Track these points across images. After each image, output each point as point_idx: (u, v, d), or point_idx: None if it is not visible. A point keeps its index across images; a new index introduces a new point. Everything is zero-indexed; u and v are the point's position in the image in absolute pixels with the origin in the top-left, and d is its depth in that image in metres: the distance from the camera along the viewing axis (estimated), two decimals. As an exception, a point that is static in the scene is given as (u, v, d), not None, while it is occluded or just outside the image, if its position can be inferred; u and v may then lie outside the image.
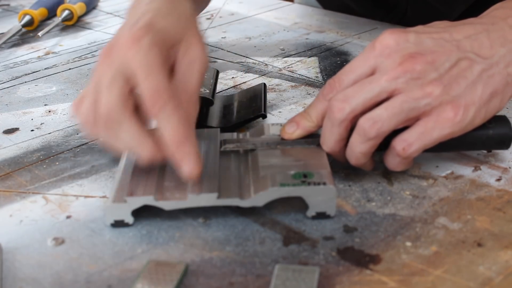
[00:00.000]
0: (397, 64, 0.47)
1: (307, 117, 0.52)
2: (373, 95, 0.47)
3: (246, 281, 0.42)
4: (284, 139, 0.52)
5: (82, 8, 1.00)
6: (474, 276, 0.42)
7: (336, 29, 0.91)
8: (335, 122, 0.48)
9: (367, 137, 0.47)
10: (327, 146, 0.50)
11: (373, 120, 0.47)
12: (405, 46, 0.48)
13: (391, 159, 0.49)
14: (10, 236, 0.47)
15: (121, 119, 0.46)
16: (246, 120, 0.59)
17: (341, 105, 0.48)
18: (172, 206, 0.47)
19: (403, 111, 0.46)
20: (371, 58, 0.49)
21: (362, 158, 0.49)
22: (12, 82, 0.76)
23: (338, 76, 0.50)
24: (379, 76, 0.48)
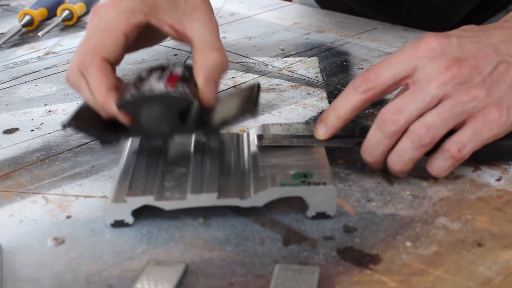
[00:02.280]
0: (444, 69, 0.48)
1: (334, 113, 0.51)
2: (425, 104, 0.48)
3: (246, 281, 0.42)
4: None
5: (82, 8, 1.00)
6: (474, 276, 0.42)
7: (336, 29, 0.91)
8: (388, 134, 0.48)
9: (421, 143, 0.48)
10: (372, 156, 0.50)
11: (427, 127, 0.47)
12: (449, 50, 0.49)
13: (441, 162, 0.49)
14: (10, 236, 0.47)
15: (90, 66, 0.52)
16: (234, 119, 0.51)
17: (394, 117, 0.48)
18: (172, 206, 0.47)
19: (453, 116, 0.47)
20: (414, 58, 0.49)
21: (410, 164, 0.50)
22: (12, 82, 0.76)
23: (374, 69, 0.50)
24: (427, 83, 0.48)
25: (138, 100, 0.50)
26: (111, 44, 0.53)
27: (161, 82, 0.51)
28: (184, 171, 0.50)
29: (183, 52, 0.84)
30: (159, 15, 0.55)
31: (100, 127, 0.52)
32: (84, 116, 0.52)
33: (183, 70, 0.54)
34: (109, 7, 0.55)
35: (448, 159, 0.49)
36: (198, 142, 0.54)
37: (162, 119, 0.50)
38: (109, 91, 0.51)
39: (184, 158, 0.52)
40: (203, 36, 0.54)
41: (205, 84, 0.52)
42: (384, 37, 0.87)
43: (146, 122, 0.50)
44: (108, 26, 0.54)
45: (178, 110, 0.50)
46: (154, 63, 0.80)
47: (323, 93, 0.70)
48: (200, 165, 0.50)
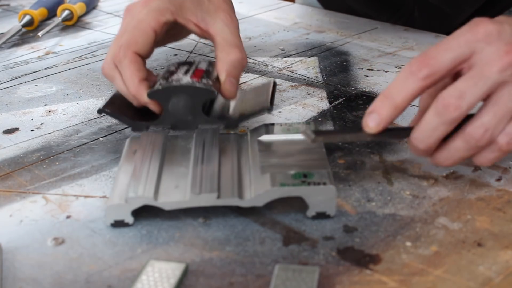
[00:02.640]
0: (504, 52, 0.45)
1: (390, 102, 0.47)
2: (486, 89, 0.45)
3: (246, 281, 0.42)
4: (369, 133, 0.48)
5: (82, 8, 1.00)
6: (474, 276, 0.42)
7: (336, 29, 0.91)
8: (448, 120, 0.45)
9: (477, 145, 0.46)
10: (426, 143, 0.47)
11: (484, 128, 0.45)
12: (505, 35, 0.46)
13: (488, 154, 0.47)
14: (10, 236, 0.47)
15: (123, 59, 0.58)
16: (251, 114, 0.57)
17: (457, 102, 0.45)
18: (172, 206, 0.47)
19: (509, 111, 0.46)
20: (472, 41, 0.46)
21: (459, 162, 0.48)
22: (12, 82, 0.76)
23: (431, 53, 0.46)
24: (488, 67, 0.45)
25: (166, 89, 0.56)
26: (142, 40, 0.59)
27: (187, 75, 0.57)
28: (184, 171, 0.50)
29: (183, 52, 0.84)
30: (185, 14, 0.62)
31: (131, 114, 0.58)
32: (116, 104, 0.59)
33: (207, 65, 0.60)
34: (141, 6, 0.61)
35: (495, 151, 0.47)
36: (198, 142, 0.54)
37: (187, 108, 0.56)
38: (140, 82, 0.57)
39: (184, 158, 0.52)
40: (224, 34, 0.61)
41: (226, 78, 0.58)
42: (384, 37, 0.87)
43: (173, 111, 0.56)
44: (140, 23, 0.60)
45: (202, 101, 0.56)
46: (154, 63, 0.80)
47: (323, 93, 0.70)
48: (200, 165, 0.50)
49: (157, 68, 0.78)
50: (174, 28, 0.63)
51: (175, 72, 0.58)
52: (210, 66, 0.60)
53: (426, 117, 0.46)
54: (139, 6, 0.61)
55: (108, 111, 0.57)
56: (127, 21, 0.62)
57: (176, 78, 0.57)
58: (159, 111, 0.57)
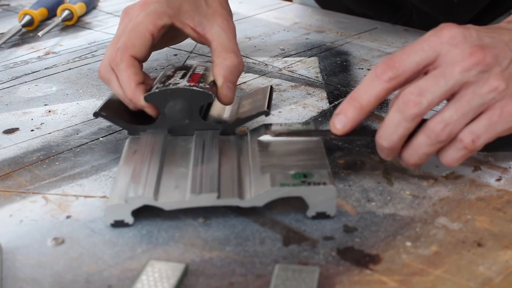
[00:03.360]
0: (468, 54, 0.46)
1: (356, 104, 0.48)
2: (448, 88, 0.46)
3: (246, 281, 0.42)
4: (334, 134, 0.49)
5: (82, 8, 1.00)
6: (474, 276, 0.42)
7: (336, 29, 0.91)
8: (409, 117, 0.46)
9: (438, 140, 0.47)
10: (389, 141, 0.48)
11: (444, 123, 0.46)
12: (470, 39, 0.47)
13: (453, 152, 0.48)
14: (10, 236, 0.47)
15: (120, 62, 0.58)
16: (248, 118, 0.57)
17: (417, 99, 0.46)
18: (172, 206, 0.47)
19: (471, 109, 0.46)
20: (437, 44, 0.47)
21: (424, 159, 0.48)
22: (12, 82, 0.76)
23: (397, 56, 0.47)
24: (450, 67, 0.46)
25: (163, 93, 0.55)
26: (140, 43, 0.59)
27: (184, 79, 0.57)
28: (184, 171, 0.50)
29: (183, 52, 0.84)
30: (182, 18, 0.61)
31: (127, 117, 0.58)
32: (112, 107, 0.58)
33: (204, 70, 0.60)
34: (138, 9, 0.61)
35: (460, 150, 0.47)
36: (198, 142, 0.54)
37: (184, 112, 0.55)
38: (137, 86, 0.57)
39: (184, 158, 0.52)
40: (221, 39, 0.60)
41: (223, 83, 0.57)
42: (384, 37, 0.87)
43: (170, 114, 0.56)
44: (137, 26, 0.59)
45: (199, 105, 0.56)
46: (154, 63, 0.80)
47: (323, 93, 0.70)
48: (200, 165, 0.50)
49: (157, 68, 0.78)
50: (170, 32, 0.63)
51: (172, 76, 0.58)
52: (207, 71, 0.60)
53: (389, 115, 0.47)
54: (137, 8, 0.61)
55: (104, 115, 0.56)
56: (124, 24, 0.62)
57: (173, 82, 0.56)
58: (156, 115, 0.57)
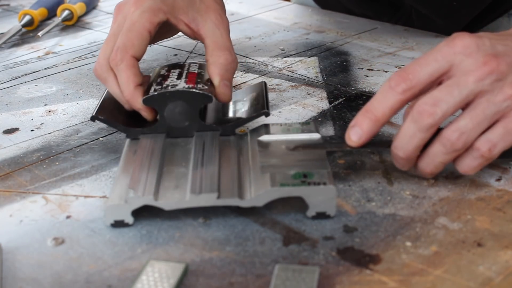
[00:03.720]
0: (482, 63, 0.46)
1: (370, 116, 0.48)
2: (462, 98, 0.46)
3: (246, 281, 0.42)
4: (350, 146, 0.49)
5: (82, 8, 1.00)
6: (474, 276, 0.42)
7: (336, 29, 0.91)
8: (424, 127, 0.46)
9: (454, 148, 0.47)
10: (405, 151, 0.48)
11: (459, 132, 0.46)
12: (484, 48, 0.47)
13: (470, 161, 0.48)
14: (10, 236, 0.47)
15: (120, 63, 0.57)
16: (249, 118, 0.56)
17: (432, 109, 0.46)
18: (172, 206, 0.47)
19: (486, 118, 0.46)
20: (450, 54, 0.47)
21: (441, 168, 0.49)
22: (12, 82, 0.76)
23: (410, 67, 0.48)
24: (464, 77, 0.46)
25: (162, 95, 0.54)
26: (138, 43, 0.58)
27: (181, 79, 0.56)
28: (184, 171, 0.50)
29: (183, 52, 0.84)
30: (177, 13, 0.61)
31: (124, 119, 0.57)
32: (108, 109, 0.57)
33: (198, 68, 0.59)
34: (132, 6, 0.60)
35: (477, 158, 0.47)
36: (198, 143, 0.54)
37: (184, 115, 0.55)
38: (136, 88, 0.56)
39: (184, 158, 0.52)
40: (215, 37, 0.60)
41: (220, 82, 0.57)
42: (384, 37, 0.87)
43: (169, 117, 0.55)
44: (134, 25, 0.58)
45: (199, 107, 0.55)
46: (154, 63, 0.80)
47: (323, 93, 0.70)
48: (200, 165, 0.50)
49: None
50: (163, 27, 0.63)
51: (168, 76, 0.57)
52: (201, 69, 0.59)
53: (404, 125, 0.48)
54: (131, 5, 0.60)
55: (102, 118, 0.55)
56: (118, 21, 0.61)
57: (171, 83, 0.55)
58: (151, 118, 0.56)
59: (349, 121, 0.62)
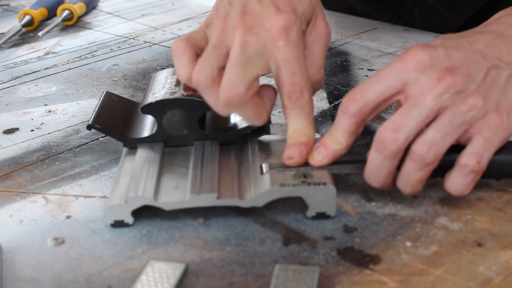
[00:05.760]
0: (437, 80, 0.45)
1: (334, 139, 0.48)
2: (423, 118, 0.45)
3: (246, 281, 0.42)
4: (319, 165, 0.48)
5: (82, 8, 1.00)
6: (474, 276, 0.42)
7: (336, 29, 0.91)
8: (389, 154, 0.46)
9: (425, 163, 0.45)
10: (378, 181, 0.47)
11: (428, 145, 0.45)
12: (438, 60, 0.46)
13: (461, 179, 0.46)
14: (10, 236, 0.47)
15: (242, 104, 0.48)
16: (249, 127, 0.54)
17: (393, 135, 0.45)
18: (172, 206, 0.47)
19: (454, 128, 0.45)
20: (402, 72, 0.46)
21: (419, 186, 0.47)
22: (12, 82, 0.76)
23: (360, 88, 0.47)
24: (421, 96, 0.45)
25: (161, 103, 0.52)
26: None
27: (179, 86, 0.54)
28: (184, 171, 0.50)
29: (183, 52, 0.83)
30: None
31: (121, 126, 0.55)
32: (105, 117, 0.55)
33: None
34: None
35: (468, 175, 0.46)
36: (198, 142, 0.54)
37: (183, 123, 0.53)
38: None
39: (184, 158, 0.52)
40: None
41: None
42: (384, 37, 0.87)
43: (168, 126, 0.53)
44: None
45: (198, 115, 0.53)
46: (154, 63, 0.80)
47: (323, 93, 0.70)
48: (200, 165, 0.50)
49: (157, 68, 0.78)
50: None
51: (165, 83, 0.55)
52: None
53: (371, 155, 0.47)
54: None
55: (98, 127, 0.53)
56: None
57: (169, 90, 0.53)
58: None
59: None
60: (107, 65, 0.81)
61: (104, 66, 0.80)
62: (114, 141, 0.60)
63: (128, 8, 1.07)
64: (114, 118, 0.56)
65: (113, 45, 0.88)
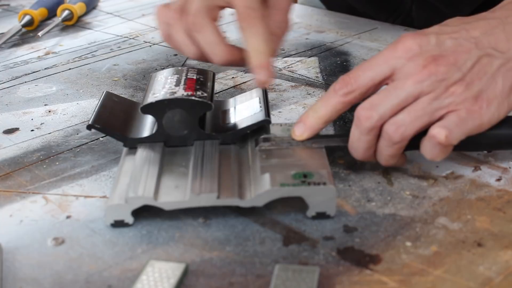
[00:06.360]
0: (421, 67, 0.47)
1: (313, 114, 0.51)
2: (400, 100, 0.48)
3: (246, 281, 0.42)
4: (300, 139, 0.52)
5: (82, 8, 1.00)
6: (474, 276, 0.42)
7: (336, 29, 0.91)
8: (364, 130, 0.49)
9: (392, 141, 0.48)
10: (357, 154, 0.51)
11: (396, 125, 0.48)
12: (427, 49, 0.48)
13: (430, 148, 0.49)
14: (10, 236, 0.47)
15: (204, 23, 0.57)
16: (249, 126, 0.54)
17: (368, 113, 0.48)
18: (172, 206, 0.47)
19: (426, 113, 0.47)
20: (391, 59, 0.49)
21: (391, 160, 0.50)
22: (12, 82, 0.76)
23: (353, 73, 0.50)
24: (403, 80, 0.48)
25: (161, 103, 0.52)
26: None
27: (179, 86, 0.54)
28: (184, 171, 0.50)
29: (183, 52, 0.84)
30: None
31: (121, 126, 0.55)
32: (104, 116, 0.55)
33: (197, 74, 0.57)
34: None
35: (435, 146, 0.48)
36: (198, 142, 0.54)
37: (183, 123, 0.53)
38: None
39: (184, 158, 0.52)
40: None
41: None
42: (384, 37, 0.87)
43: (168, 126, 0.53)
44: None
45: (198, 115, 0.53)
46: (154, 63, 0.80)
47: (323, 93, 0.70)
48: (200, 165, 0.50)
49: (157, 68, 0.79)
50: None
51: (165, 82, 0.55)
52: (199, 75, 0.57)
53: (352, 130, 0.50)
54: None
55: (98, 127, 0.53)
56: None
57: (169, 90, 0.54)
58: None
59: (349, 121, 0.62)
60: (107, 65, 0.81)
61: (104, 66, 0.80)
62: (114, 141, 0.60)
63: (128, 8, 1.08)
64: (114, 118, 0.56)
65: (113, 45, 0.88)
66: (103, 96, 0.59)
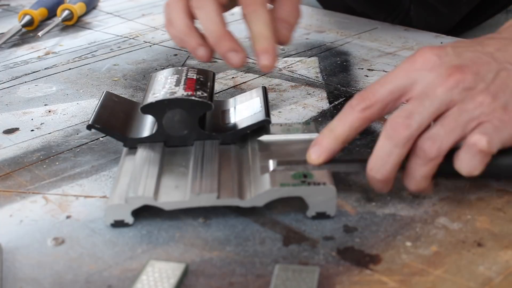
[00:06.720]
0: (446, 76, 0.45)
1: (329, 134, 0.47)
2: (435, 108, 0.45)
3: (246, 281, 0.42)
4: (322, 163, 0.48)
5: (82, 8, 1.00)
6: (474, 276, 0.42)
7: (336, 29, 0.91)
8: (400, 141, 0.45)
9: (428, 158, 0.45)
10: (382, 172, 0.46)
11: (432, 140, 0.45)
12: (447, 59, 0.47)
13: (469, 160, 0.45)
14: (10, 236, 0.47)
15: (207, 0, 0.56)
16: (249, 126, 0.54)
17: (406, 121, 0.45)
18: (172, 206, 0.47)
19: (459, 125, 0.45)
20: (411, 71, 0.47)
21: (423, 182, 0.47)
22: (12, 82, 0.76)
23: (371, 87, 0.47)
24: (432, 89, 0.45)
25: (161, 103, 0.52)
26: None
27: (179, 86, 0.54)
28: (184, 171, 0.50)
29: (183, 52, 0.84)
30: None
31: (121, 126, 0.55)
32: (105, 116, 0.55)
33: (197, 74, 0.57)
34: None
35: (476, 155, 0.45)
36: (198, 142, 0.54)
37: (183, 123, 0.53)
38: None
39: (184, 158, 0.52)
40: None
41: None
42: (384, 37, 0.87)
43: (168, 126, 0.53)
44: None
45: (198, 115, 0.53)
46: (154, 63, 0.80)
47: (323, 93, 0.70)
48: (200, 165, 0.50)
49: (157, 68, 0.79)
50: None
51: (165, 82, 0.55)
52: (199, 75, 0.57)
53: (379, 144, 0.46)
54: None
55: (98, 127, 0.53)
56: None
57: (169, 90, 0.53)
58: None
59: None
60: (107, 65, 0.81)
61: (104, 66, 0.80)
62: (114, 141, 0.60)
63: (128, 8, 1.08)
64: (114, 118, 0.56)
65: (113, 45, 0.88)
66: (103, 96, 0.59)
